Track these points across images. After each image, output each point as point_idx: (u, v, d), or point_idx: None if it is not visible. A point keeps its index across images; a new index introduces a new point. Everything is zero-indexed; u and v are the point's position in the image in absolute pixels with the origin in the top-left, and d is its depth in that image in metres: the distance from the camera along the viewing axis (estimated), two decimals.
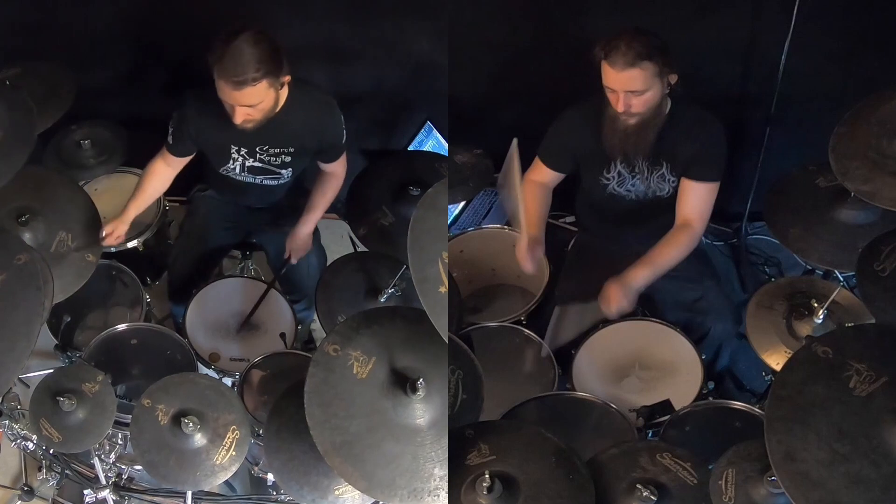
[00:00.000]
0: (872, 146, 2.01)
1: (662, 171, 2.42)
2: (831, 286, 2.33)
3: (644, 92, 2.22)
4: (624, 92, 2.22)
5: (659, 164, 2.41)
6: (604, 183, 2.49)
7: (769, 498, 1.63)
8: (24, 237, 2.14)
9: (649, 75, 2.20)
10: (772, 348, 2.28)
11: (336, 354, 1.63)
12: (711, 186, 2.39)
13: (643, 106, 2.25)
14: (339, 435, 1.56)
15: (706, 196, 2.40)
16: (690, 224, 2.41)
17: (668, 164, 2.40)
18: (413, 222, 1.53)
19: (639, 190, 2.47)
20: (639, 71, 2.18)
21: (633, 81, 2.20)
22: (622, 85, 2.21)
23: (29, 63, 2.68)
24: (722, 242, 3.23)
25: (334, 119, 2.49)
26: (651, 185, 2.45)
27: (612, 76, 2.21)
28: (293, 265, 2.76)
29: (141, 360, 2.47)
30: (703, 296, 2.52)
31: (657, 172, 2.43)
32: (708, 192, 2.39)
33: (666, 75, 2.24)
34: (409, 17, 2.80)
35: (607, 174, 2.47)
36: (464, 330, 2.45)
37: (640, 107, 2.25)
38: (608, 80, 2.24)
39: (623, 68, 2.18)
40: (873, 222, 2.26)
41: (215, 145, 2.51)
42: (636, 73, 2.18)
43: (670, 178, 2.43)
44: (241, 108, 2.24)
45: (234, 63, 2.14)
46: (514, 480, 1.70)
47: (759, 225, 3.15)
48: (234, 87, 2.17)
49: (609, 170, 2.45)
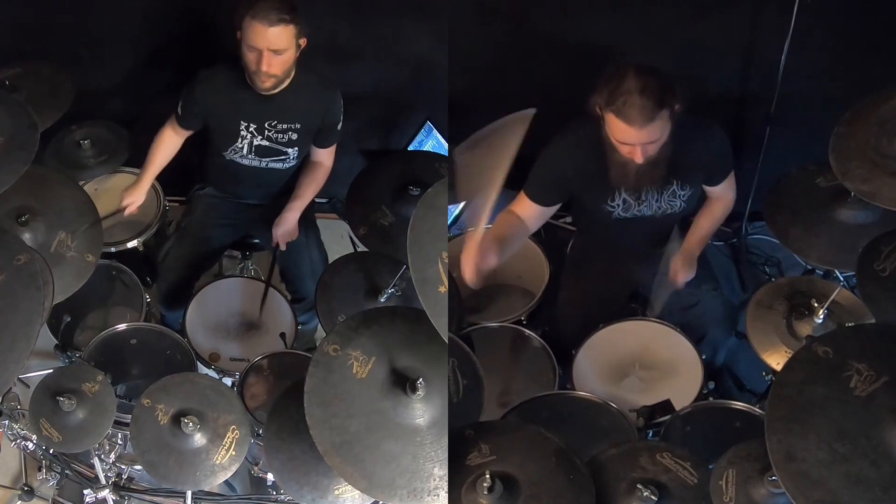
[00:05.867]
0: (872, 146, 2.02)
1: (673, 189, 2.34)
2: (831, 286, 2.33)
3: (661, 137, 2.10)
4: (642, 144, 2.08)
5: (669, 183, 2.32)
6: (608, 210, 2.37)
7: (769, 498, 1.63)
8: (24, 237, 2.13)
9: (665, 120, 2.05)
10: (772, 348, 2.28)
11: (336, 354, 1.63)
12: (729, 177, 2.44)
13: (657, 147, 2.12)
14: (339, 435, 1.56)
15: (728, 183, 2.45)
16: (723, 197, 2.49)
17: (677, 181, 2.32)
18: (413, 222, 1.53)
19: (647, 212, 2.38)
20: (658, 122, 2.03)
21: (653, 133, 2.05)
22: (640, 139, 2.06)
23: (29, 63, 2.68)
24: (722, 242, 3.23)
25: (336, 100, 2.60)
26: (662, 205, 2.37)
27: (629, 133, 2.04)
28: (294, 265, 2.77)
29: (141, 360, 2.47)
30: (699, 301, 2.52)
31: (667, 191, 2.34)
32: (728, 181, 2.44)
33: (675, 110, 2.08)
34: (409, 17, 2.80)
35: (612, 202, 2.35)
36: (464, 330, 2.45)
37: (655, 149, 2.13)
38: (620, 135, 2.07)
39: (642, 125, 2.01)
40: (873, 222, 2.26)
41: (224, 122, 2.57)
42: (656, 124, 2.03)
43: (681, 194, 2.35)
44: (268, 55, 2.33)
45: (271, 3, 2.30)
46: (515, 480, 1.70)
47: (759, 225, 3.15)
48: (269, 24, 2.29)
49: (613, 198, 2.34)
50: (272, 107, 2.52)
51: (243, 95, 2.50)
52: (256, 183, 2.73)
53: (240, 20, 2.33)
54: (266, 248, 2.88)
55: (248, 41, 2.34)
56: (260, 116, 2.54)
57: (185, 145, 2.71)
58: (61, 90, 2.64)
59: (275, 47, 2.33)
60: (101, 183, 2.84)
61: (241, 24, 2.33)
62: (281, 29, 2.31)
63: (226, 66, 2.52)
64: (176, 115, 2.63)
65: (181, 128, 2.65)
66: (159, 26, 2.86)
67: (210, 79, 2.54)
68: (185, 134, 2.68)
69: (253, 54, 2.36)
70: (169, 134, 2.67)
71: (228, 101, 2.53)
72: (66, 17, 2.78)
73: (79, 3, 2.77)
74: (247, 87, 2.47)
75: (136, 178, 2.70)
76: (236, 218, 2.83)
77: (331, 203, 3.25)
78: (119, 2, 2.80)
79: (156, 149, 2.68)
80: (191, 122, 2.63)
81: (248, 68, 2.41)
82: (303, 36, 2.39)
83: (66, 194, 2.34)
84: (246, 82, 2.47)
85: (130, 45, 2.93)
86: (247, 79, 2.46)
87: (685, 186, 2.35)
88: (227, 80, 2.52)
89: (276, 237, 2.68)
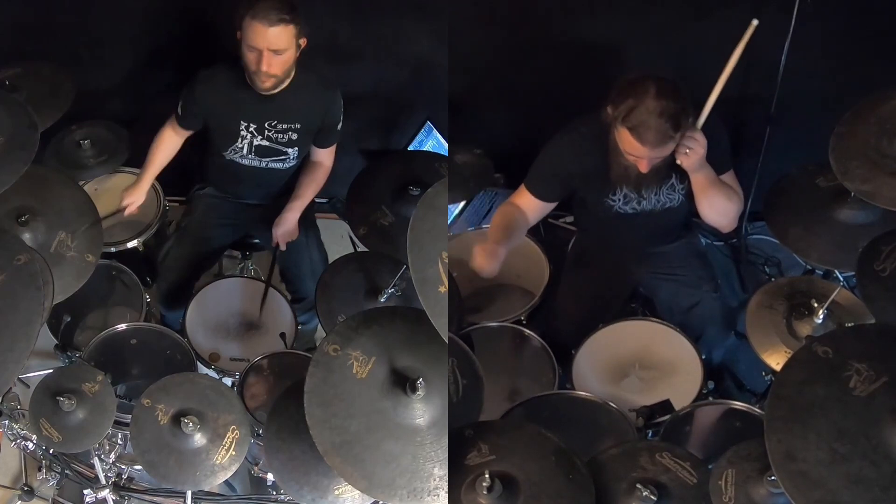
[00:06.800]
0: (872, 146, 2.02)
1: (672, 182, 2.34)
2: (831, 286, 2.33)
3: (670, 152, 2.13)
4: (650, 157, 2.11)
5: (668, 176, 2.33)
6: (609, 204, 2.38)
7: (769, 498, 1.63)
8: (24, 237, 2.13)
9: (678, 139, 2.09)
10: (772, 348, 2.27)
11: (336, 354, 1.63)
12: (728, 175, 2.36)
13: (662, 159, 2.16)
14: (339, 435, 1.56)
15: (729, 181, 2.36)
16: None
17: (676, 174, 2.33)
18: (413, 222, 1.52)
19: (647, 206, 2.39)
20: (672, 143, 2.08)
21: (664, 152, 2.10)
22: (650, 156, 2.10)
23: (29, 63, 2.68)
24: (722, 242, 3.23)
25: (336, 100, 2.60)
26: (661, 198, 2.37)
27: (640, 150, 2.08)
28: (294, 265, 2.77)
29: (141, 360, 2.47)
30: (699, 302, 2.52)
31: (666, 185, 2.35)
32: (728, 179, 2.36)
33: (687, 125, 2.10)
34: (409, 17, 2.80)
35: (612, 196, 2.36)
36: (464, 330, 2.45)
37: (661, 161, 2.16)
38: (631, 149, 2.11)
39: (655, 146, 2.06)
40: (873, 222, 2.26)
41: (224, 122, 2.57)
42: (669, 145, 2.08)
43: (679, 187, 2.35)
44: (268, 55, 2.33)
45: (271, 3, 2.30)
46: (514, 480, 1.70)
47: (759, 225, 3.15)
48: (269, 24, 2.29)
49: (615, 193, 2.36)
50: (272, 107, 2.52)
51: (243, 95, 2.50)
52: (256, 183, 2.73)
53: (240, 20, 2.33)
54: (266, 248, 2.88)
55: (248, 41, 2.34)
56: (260, 116, 2.54)
57: (185, 145, 2.71)
58: (61, 90, 2.64)
59: (275, 47, 2.33)
60: (101, 183, 2.84)
61: (241, 24, 2.33)
62: (281, 29, 2.31)
63: (226, 66, 2.52)
64: (176, 115, 2.63)
65: (181, 128, 2.65)
66: (159, 26, 2.86)
67: (210, 79, 2.54)
68: (185, 134, 2.68)
69: (253, 54, 2.36)
70: (169, 134, 2.67)
71: (228, 101, 2.54)
72: (66, 17, 2.78)
73: (79, 3, 2.77)
74: (247, 87, 2.47)
75: (136, 178, 2.70)
76: (236, 218, 2.83)
77: (331, 203, 3.24)
78: (119, 2, 2.80)
79: (156, 149, 2.68)
80: (191, 122, 2.63)
81: (248, 68, 2.41)
82: (303, 36, 2.39)
83: (66, 194, 2.34)
84: (246, 82, 2.47)
85: (130, 45, 2.93)
86: (247, 79, 2.46)
87: (684, 179, 2.34)
88: (227, 80, 2.52)
89: (276, 237, 2.69)
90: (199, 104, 2.56)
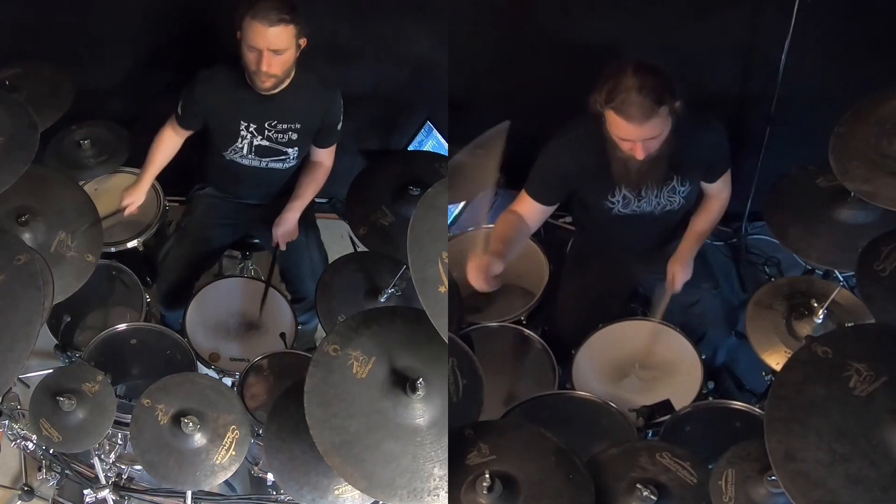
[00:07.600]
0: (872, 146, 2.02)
1: (673, 185, 2.34)
2: (831, 286, 2.33)
3: (661, 133, 2.12)
4: (642, 140, 2.11)
5: (669, 178, 2.33)
6: (608, 206, 2.38)
7: (769, 498, 1.63)
8: (24, 237, 2.13)
9: (664, 117, 2.08)
10: (772, 348, 2.28)
11: (336, 354, 1.63)
12: (725, 175, 2.43)
13: (658, 143, 2.15)
14: (339, 435, 1.56)
15: (724, 181, 2.45)
16: (720, 195, 2.48)
17: (677, 177, 2.33)
18: (413, 222, 1.53)
19: (646, 208, 2.39)
20: (657, 119, 2.06)
21: (653, 130, 2.08)
22: (640, 136, 2.09)
23: (29, 63, 2.68)
24: (722, 242, 3.23)
25: (336, 100, 2.61)
26: (661, 201, 2.37)
27: (628, 130, 2.08)
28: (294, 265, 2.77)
29: (141, 360, 2.47)
30: (699, 300, 2.52)
31: (667, 187, 2.34)
32: (725, 178, 2.44)
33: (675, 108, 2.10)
34: (409, 17, 2.80)
35: (612, 198, 2.36)
36: (464, 330, 2.45)
37: (656, 145, 2.15)
38: (620, 132, 2.11)
39: (641, 122, 2.05)
40: (873, 222, 2.26)
41: (224, 122, 2.57)
42: (655, 121, 2.06)
43: (680, 190, 2.36)
44: (268, 55, 2.34)
45: (270, 3, 2.30)
46: (514, 480, 1.70)
47: (759, 225, 3.15)
48: (269, 24, 2.29)
49: (614, 194, 2.35)
50: (272, 107, 2.52)
51: (243, 95, 2.50)
52: (256, 183, 2.73)
53: (240, 20, 2.33)
54: (266, 248, 2.88)
55: (248, 41, 2.34)
56: (260, 116, 2.54)
57: (185, 145, 2.71)
58: (61, 90, 2.64)
59: (275, 47, 2.33)
60: (101, 183, 2.84)
61: (241, 24, 2.33)
62: (281, 29, 2.31)
63: (226, 66, 2.52)
64: (176, 115, 2.63)
65: (181, 128, 2.65)
66: (159, 26, 2.86)
67: (210, 79, 2.54)
68: (185, 134, 2.68)
69: (253, 54, 2.36)
70: (169, 134, 2.68)
71: (228, 101, 2.54)
72: (66, 17, 2.78)
73: (79, 3, 2.77)
74: (247, 87, 2.47)
75: (136, 178, 2.71)
76: (236, 218, 2.83)
77: (331, 203, 3.25)
78: (119, 2, 2.80)
79: (156, 149, 2.68)
80: (191, 122, 2.63)
81: (248, 68, 2.41)
82: (303, 36, 2.39)
83: (66, 194, 2.34)
84: (246, 82, 2.47)
85: (130, 45, 2.93)
86: (247, 79, 2.46)
87: (685, 182, 2.35)
88: (227, 80, 2.52)
89: (276, 237, 2.69)
90: (199, 104, 2.56)
